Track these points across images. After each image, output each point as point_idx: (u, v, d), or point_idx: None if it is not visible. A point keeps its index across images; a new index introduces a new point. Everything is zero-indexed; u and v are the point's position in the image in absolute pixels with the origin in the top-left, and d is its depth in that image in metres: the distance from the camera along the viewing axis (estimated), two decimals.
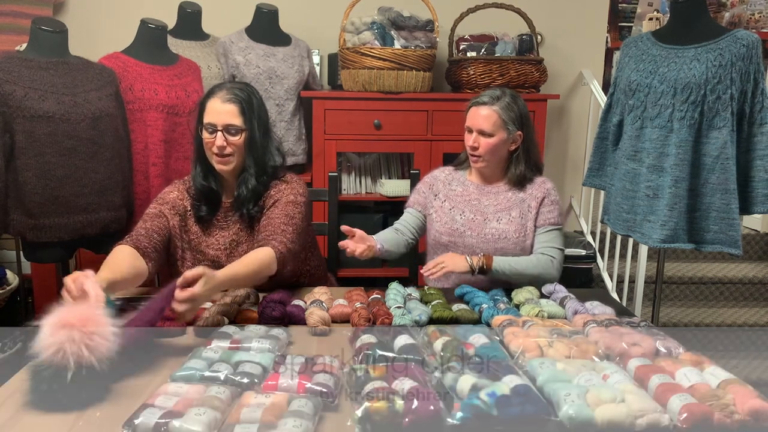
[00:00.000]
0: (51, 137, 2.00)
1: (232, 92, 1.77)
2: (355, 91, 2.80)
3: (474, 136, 1.95)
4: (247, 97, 1.79)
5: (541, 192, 2.00)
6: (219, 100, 1.76)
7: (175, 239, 1.83)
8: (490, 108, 1.93)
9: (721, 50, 1.98)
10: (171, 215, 1.82)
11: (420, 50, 2.73)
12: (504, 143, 1.96)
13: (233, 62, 2.75)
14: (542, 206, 1.98)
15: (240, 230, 1.86)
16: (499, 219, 1.98)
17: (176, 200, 1.85)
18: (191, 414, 1.03)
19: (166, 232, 1.80)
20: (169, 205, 1.84)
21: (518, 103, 1.97)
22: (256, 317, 1.56)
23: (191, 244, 1.86)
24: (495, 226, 1.97)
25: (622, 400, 1.10)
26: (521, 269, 1.88)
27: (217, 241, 1.85)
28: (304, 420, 1.03)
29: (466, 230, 1.99)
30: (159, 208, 1.83)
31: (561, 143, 3.45)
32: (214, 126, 1.75)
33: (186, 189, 1.88)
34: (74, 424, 1.09)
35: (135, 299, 1.73)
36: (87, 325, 1.15)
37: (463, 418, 1.05)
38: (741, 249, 2.04)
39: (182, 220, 1.85)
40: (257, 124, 1.80)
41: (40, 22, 2.10)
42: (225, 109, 1.75)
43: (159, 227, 1.78)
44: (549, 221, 1.98)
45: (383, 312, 1.56)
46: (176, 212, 1.84)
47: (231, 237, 1.85)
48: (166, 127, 2.36)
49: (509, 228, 1.96)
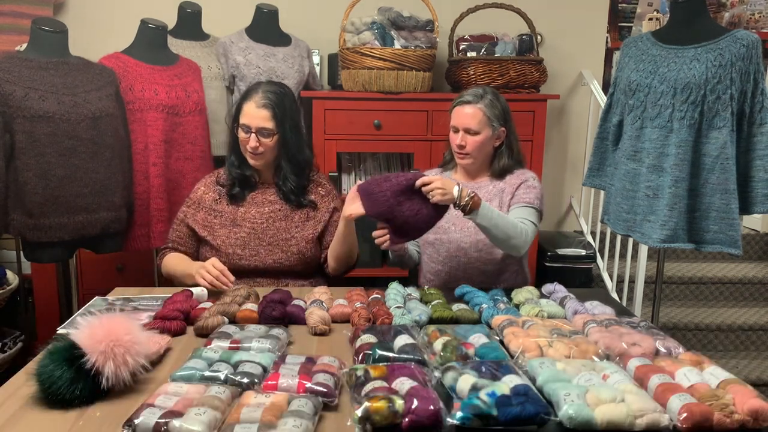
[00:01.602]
0: (51, 137, 2.01)
1: (266, 97, 1.90)
2: (355, 91, 2.80)
3: (461, 135, 1.98)
4: (280, 101, 1.92)
5: (519, 180, 2.02)
6: (254, 105, 1.89)
7: (199, 227, 1.99)
8: (474, 106, 1.97)
9: (721, 50, 1.98)
10: (193, 213, 2.01)
11: (420, 50, 2.72)
12: (489, 140, 2.00)
13: (233, 62, 2.75)
14: (518, 189, 2.00)
15: (278, 209, 2.00)
16: None
17: (202, 196, 2.02)
18: (191, 414, 1.03)
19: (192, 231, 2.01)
20: (196, 204, 2.02)
21: (500, 100, 2.01)
22: (256, 317, 1.56)
23: (224, 222, 1.98)
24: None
25: (622, 400, 1.10)
26: (501, 224, 1.81)
27: (254, 216, 1.99)
28: (304, 420, 1.03)
29: (450, 226, 2.02)
30: (185, 212, 2.03)
31: (561, 143, 3.44)
32: (249, 128, 1.90)
33: (215, 180, 2.04)
34: (74, 424, 1.09)
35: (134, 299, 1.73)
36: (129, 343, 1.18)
37: (463, 418, 1.05)
38: (741, 249, 2.04)
39: (209, 209, 2.00)
40: (289, 127, 1.94)
41: (40, 22, 2.10)
42: (259, 114, 1.88)
43: (183, 234, 2.02)
44: (523, 199, 1.97)
45: (383, 312, 1.56)
46: (202, 207, 2.01)
47: (268, 214, 1.99)
48: (166, 127, 2.36)
49: None
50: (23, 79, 1.99)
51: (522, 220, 1.91)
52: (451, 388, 1.17)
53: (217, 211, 1.99)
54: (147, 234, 2.38)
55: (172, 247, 2.02)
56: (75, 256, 2.62)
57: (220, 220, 1.98)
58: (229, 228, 1.97)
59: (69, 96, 2.05)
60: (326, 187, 2.09)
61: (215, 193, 2.01)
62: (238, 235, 1.96)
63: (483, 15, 2.86)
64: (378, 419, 1.04)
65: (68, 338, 1.18)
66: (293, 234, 1.98)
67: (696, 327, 3.12)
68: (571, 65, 3.36)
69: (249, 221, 1.97)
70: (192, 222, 2.00)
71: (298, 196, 2.00)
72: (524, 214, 1.94)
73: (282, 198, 2.00)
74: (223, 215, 1.98)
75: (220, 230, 1.97)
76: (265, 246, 1.96)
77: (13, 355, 2.71)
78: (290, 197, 1.99)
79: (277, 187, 2.01)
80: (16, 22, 2.90)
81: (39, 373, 1.15)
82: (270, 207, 1.99)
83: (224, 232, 1.97)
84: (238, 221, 1.97)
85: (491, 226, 1.81)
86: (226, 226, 1.97)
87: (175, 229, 2.03)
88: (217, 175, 2.05)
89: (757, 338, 3.15)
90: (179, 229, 2.03)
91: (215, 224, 1.98)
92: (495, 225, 1.81)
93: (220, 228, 1.97)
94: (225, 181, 2.01)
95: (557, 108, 3.38)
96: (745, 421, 1.08)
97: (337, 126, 2.82)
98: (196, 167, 2.44)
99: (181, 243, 2.02)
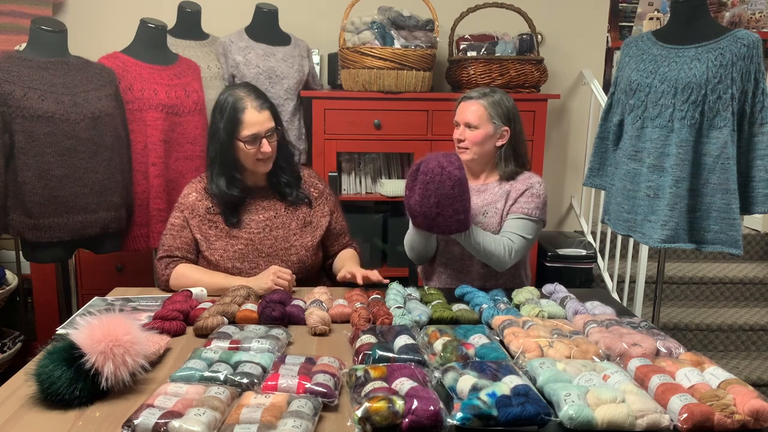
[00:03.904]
0: (50, 137, 2.00)
1: (260, 97, 1.85)
2: (355, 90, 2.80)
3: (461, 129, 2.00)
4: (267, 97, 1.89)
5: (524, 185, 2.00)
6: (255, 111, 1.82)
7: (197, 235, 1.91)
8: (477, 102, 1.99)
9: (721, 50, 1.98)
10: (191, 218, 1.91)
11: (420, 50, 2.72)
12: (490, 137, 1.99)
13: (233, 62, 2.75)
14: (521, 196, 1.98)
15: (273, 216, 1.94)
16: (485, 213, 2.00)
17: (195, 203, 1.92)
18: (191, 414, 1.03)
19: (192, 238, 1.92)
20: (189, 209, 1.92)
21: (507, 101, 2.01)
22: (256, 317, 1.56)
23: (219, 234, 1.90)
24: (481, 221, 2.00)
25: (622, 400, 1.10)
26: (480, 240, 1.88)
27: (249, 225, 1.91)
28: (304, 420, 1.03)
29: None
30: (181, 216, 1.92)
31: (561, 143, 3.44)
32: (258, 135, 1.82)
33: (204, 188, 1.93)
34: (74, 424, 1.09)
35: (134, 299, 1.73)
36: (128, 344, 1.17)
37: (463, 419, 1.05)
38: (741, 249, 2.04)
39: (203, 218, 1.91)
40: (281, 121, 1.93)
41: (40, 22, 2.10)
42: (263, 117, 1.83)
43: (188, 240, 1.91)
44: (521, 210, 1.97)
45: (383, 312, 1.55)
46: (196, 214, 1.91)
47: (264, 222, 1.92)
48: (166, 127, 2.35)
49: (493, 221, 1.99)
50: (22, 78, 1.99)
51: (511, 233, 1.93)
52: (451, 389, 1.16)
53: (212, 221, 1.90)
54: (146, 234, 2.37)
55: (181, 256, 1.88)
56: (74, 256, 2.61)
57: (215, 231, 1.89)
58: (226, 240, 1.89)
59: (68, 96, 2.05)
60: (319, 187, 2.03)
61: (208, 201, 1.91)
62: (236, 248, 1.88)
63: (483, 14, 2.86)
64: (378, 419, 1.04)
65: (67, 338, 1.18)
66: (292, 242, 1.93)
67: (696, 327, 3.12)
68: (572, 65, 3.35)
69: (245, 231, 1.90)
70: (191, 222, 1.90)
71: (293, 188, 1.95)
72: (517, 227, 1.94)
73: (278, 198, 1.95)
74: (218, 226, 1.90)
75: (216, 242, 1.89)
76: (264, 257, 1.90)
77: (12, 355, 2.71)
78: (286, 193, 1.94)
79: (273, 188, 1.95)
80: (15, 22, 2.90)
81: (38, 373, 1.15)
82: (264, 214, 1.93)
83: (221, 245, 1.89)
84: (233, 232, 1.89)
85: (474, 242, 1.88)
86: (222, 238, 1.89)
87: (175, 236, 1.90)
88: (206, 183, 1.93)
89: (757, 338, 3.15)
90: (183, 236, 1.90)
91: (210, 235, 1.89)
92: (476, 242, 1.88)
93: (216, 240, 1.89)
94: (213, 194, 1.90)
95: (558, 108, 3.37)
96: (745, 421, 1.08)
97: (337, 126, 2.82)
98: (195, 167, 2.44)
99: (189, 251, 1.90)
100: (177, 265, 1.86)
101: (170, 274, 1.85)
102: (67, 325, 1.50)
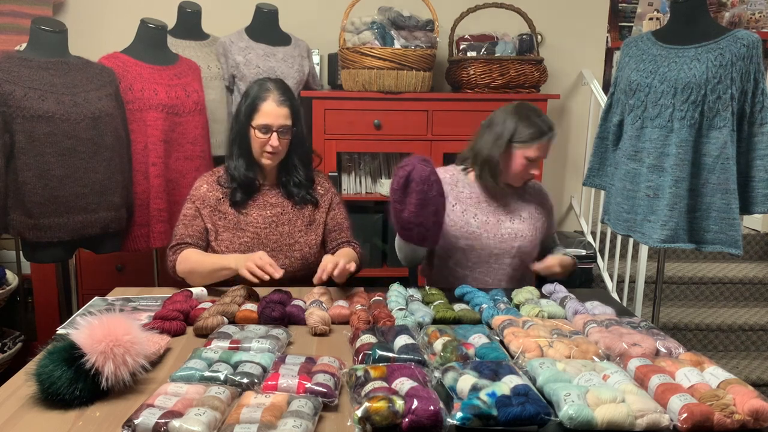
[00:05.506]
0: (51, 137, 2.00)
1: (284, 94, 1.90)
2: (355, 91, 2.80)
3: (536, 164, 1.94)
4: (293, 97, 1.94)
5: (540, 195, 2.08)
6: (274, 103, 1.87)
7: (207, 224, 1.95)
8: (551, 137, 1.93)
9: (721, 50, 1.98)
10: (203, 208, 1.95)
11: (420, 50, 2.72)
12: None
13: (233, 62, 2.75)
14: (550, 217, 2.09)
15: (280, 213, 1.98)
16: (512, 219, 2.02)
17: (206, 194, 1.96)
18: (191, 414, 1.03)
19: (204, 227, 1.95)
20: (200, 200, 1.96)
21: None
22: (256, 317, 1.56)
23: (228, 225, 1.95)
24: (510, 226, 2.01)
25: (622, 400, 1.10)
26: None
27: (256, 219, 1.96)
28: (304, 420, 1.03)
29: (482, 232, 2.00)
30: (194, 206, 1.96)
31: (561, 143, 3.44)
32: (270, 127, 1.87)
33: (216, 180, 1.98)
34: (74, 424, 1.09)
35: (134, 299, 1.73)
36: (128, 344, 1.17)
37: (463, 419, 1.05)
38: (741, 249, 2.04)
39: (213, 209, 1.95)
40: (303, 122, 1.96)
41: (40, 22, 2.10)
42: (280, 112, 1.88)
43: (200, 228, 1.94)
44: (552, 229, 2.13)
45: (385, 314, 1.54)
46: (207, 204, 1.95)
47: (270, 218, 1.97)
48: (166, 127, 2.35)
49: (523, 227, 2.01)
50: (23, 78, 1.99)
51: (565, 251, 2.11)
52: (451, 389, 1.16)
53: (221, 212, 1.95)
54: (146, 234, 2.37)
55: (191, 243, 1.91)
56: (75, 256, 2.61)
57: (224, 222, 1.94)
58: (233, 232, 1.94)
59: (68, 96, 2.05)
60: (324, 185, 2.07)
61: (219, 192, 1.96)
62: (242, 240, 1.93)
63: (483, 15, 2.86)
64: (378, 419, 1.04)
65: (68, 338, 1.18)
66: (297, 239, 1.97)
67: (696, 327, 3.12)
68: (572, 65, 3.36)
69: (252, 225, 1.94)
70: (203, 212, 1.94)
71: (305, 190, 1.99)
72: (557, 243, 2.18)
73: (285, 196, 1.99)
74: (227, 217, 1.94)
75: (224, 233, 1.94)
76: (268, 251, 1.90)
77: (12, 355, 2.71)
78: (294, 193, 1.97)
79: (282, 186, 1.99)
80: (15, 22, 2.90)
81: (38, 373, 1.15)
82: (272, 210, 1.97)
83: (228, 236, 1.94)
84: (241, 225, 1.94)
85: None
86: (229, 230, 1.94)
87: (187, 225, 1.93)
88: (218, 175, 1.99)
89: (757, 338, 3.15)
90: (195, 224, 1.93)
91: (219, 226, 1.94)
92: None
93: (223, 231, 1.94)
94: (226, 182, 1.96)
95: (557, 108, 3.37)
96: (745, 421, 1.08)
97: (337, 126, 2.82)
98: (195, 167, 2.44)
99: (201, 238, 1.93)
100: (183, 251, 1.89)
101: (176, 258, 1.88)
102: (67, 325, 1.50)
